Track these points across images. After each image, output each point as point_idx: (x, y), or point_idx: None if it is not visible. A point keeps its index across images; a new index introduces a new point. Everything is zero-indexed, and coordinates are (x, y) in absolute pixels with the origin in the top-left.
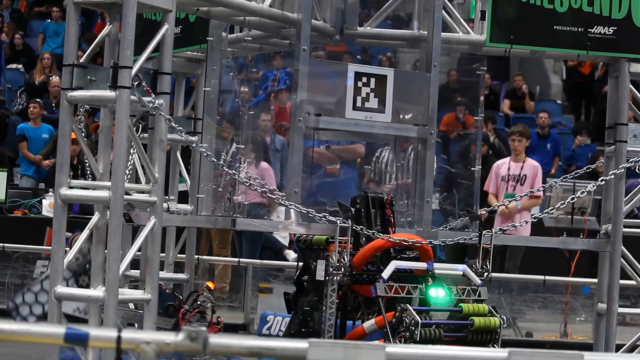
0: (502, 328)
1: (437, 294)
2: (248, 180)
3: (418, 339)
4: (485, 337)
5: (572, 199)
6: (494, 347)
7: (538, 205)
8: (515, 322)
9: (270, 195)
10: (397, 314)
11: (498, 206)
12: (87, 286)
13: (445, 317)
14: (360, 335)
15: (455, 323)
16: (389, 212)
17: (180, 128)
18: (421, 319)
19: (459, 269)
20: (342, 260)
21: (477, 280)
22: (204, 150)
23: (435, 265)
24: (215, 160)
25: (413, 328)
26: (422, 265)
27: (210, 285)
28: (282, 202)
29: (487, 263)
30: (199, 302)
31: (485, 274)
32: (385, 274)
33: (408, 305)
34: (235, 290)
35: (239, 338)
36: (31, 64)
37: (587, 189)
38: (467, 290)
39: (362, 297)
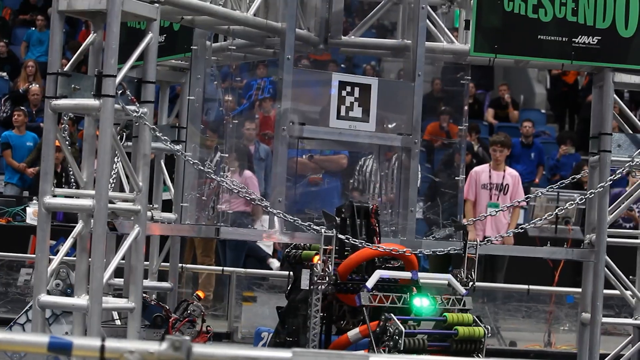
0: (487, 338)
1: (422, 304)
2: (235, 187)
3: (402, 349)
4: (469, 347)
5: (560, 210)
6: (478, 356)
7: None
8: (499, 331)
9: (256, 203)
10: (381, 323)
11: (485, 216)
12: None
13: (430, 327)
14: (344, 344)
15: (439, 333)
16: (374, 221)
17: (165, 137)
18: (405, 329)
19: (444, 278)
20: (326, 269)
21: (462, 290)
22: (189, 158)
23: (420, 274)
24: (201, 167)
25: (397, 337)
26: (406, 274)
27: (201, 294)
28: (267, 209)
29: (472, 272)
30: (189, 311)
31: (470, 283)
32: (370, 283)
33: (392, 314)
34: (219, 299)
35: (222, 347)
36: (15, 71)
37: (575, 201)
38: (451, 299)
39: (347, 307)
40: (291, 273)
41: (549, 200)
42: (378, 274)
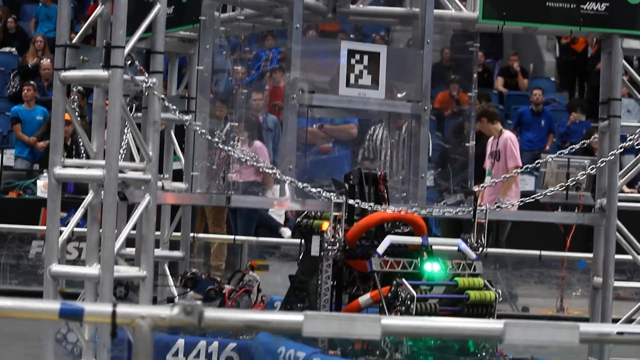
0: (498, 302)
1: (433, 268)
2: (245, 157)
3: (414, 313)
4: (480, 311)
5: (572, 181)
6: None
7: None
8: (511, 297)
9: (267, 171)
10: (393, 288)
11: (483, 187)
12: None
13: (441, 292)
14: (355, 310)
15: (450, 297)
16: (383, 187)
17: (174, 107)
18: (417, 294)
19: (454, 243)
20: (336, 235)
21: (472, 255)
22: (198, 128)
23: (430, 240)
24: (209, 137)
25: (409, 302)
26: (417, 240)
27: (254, 264)
28: (278, 176)
29: (482, 237)
30: (244, 282)
31: (480, 248)
32: (381, 249)
33: (403, 279)
34: (231, 268)
35: (233, 312)
36: (24, 47)
37: (586, 170)
38: (462, 264)
39: (358, 273)
40: (303, 242)
41: (559, 167)
42: (389, 239)
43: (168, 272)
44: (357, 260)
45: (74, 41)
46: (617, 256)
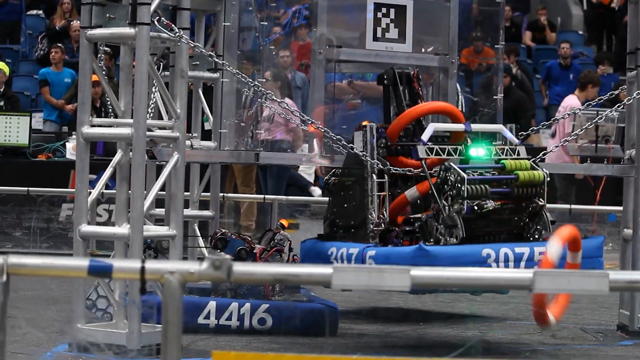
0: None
1: (478, 153)
2: (283, 109)
3: (465, 195)
4: (530, 191)
5: (595, 127)
6: (540, 201)
7: None
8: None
9: (304, 119)
10: (441, 173)
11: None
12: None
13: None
14: (403, 204)
15: (500, 178)
16: (417, 86)
17: (203, 50)
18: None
19: (497, 129)
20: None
21: (515, 140)
22: (230, 68)
23: (473, 126)
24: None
25: (459, 185)
26: (460, 126)
27: (284, 223)
28: (313, 124)
29: None
30: (275, 241)
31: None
32: (425, 136)
33: (451, 163)
34: (262, 228)
35: (262, 266)
36: (51, 9)
37: (607, 115)
38: (505, 150)
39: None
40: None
41: (588, 120)
42: (432, 127)
43: (198, 232)
44: (398, 157)
45: None
46: None
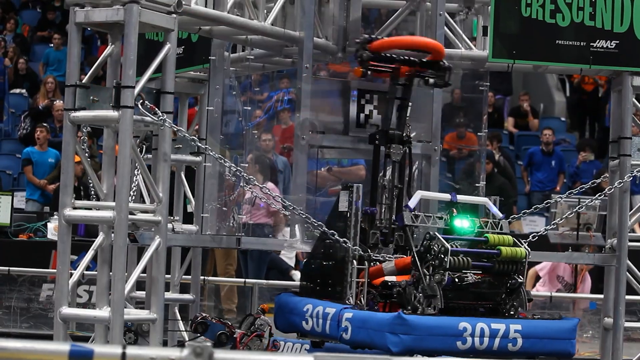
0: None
1: (462, 225)
2: (264, 193)
3: (447, 266)
4: (511, 267)
5: (577, 215)
6: (520, 278)
7: None
8: None
9: (286, 205)
10: (425, 242)
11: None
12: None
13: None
14: (379, 273)
15: (483, 252)
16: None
17: (186, 134)
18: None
19: (482, 201)
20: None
21: (499, 214)
22: (212, 153)
23: (458, 197)
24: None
25: (442, 255)
26: (446, 196)
27: (265, 307)
28: (294, 211)
29: None
30: (255, 326)
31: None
32: (412, 203)
33: (436, 233)
34: (243, 312)
35: (243, 353)
36: (35, 88)
37: (589, 203)
38: (489, 223)
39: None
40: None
41: (569, 207)
42: (419, 194)
43: (179, 316)
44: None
45: (83, 81)
46: (628, 297)
